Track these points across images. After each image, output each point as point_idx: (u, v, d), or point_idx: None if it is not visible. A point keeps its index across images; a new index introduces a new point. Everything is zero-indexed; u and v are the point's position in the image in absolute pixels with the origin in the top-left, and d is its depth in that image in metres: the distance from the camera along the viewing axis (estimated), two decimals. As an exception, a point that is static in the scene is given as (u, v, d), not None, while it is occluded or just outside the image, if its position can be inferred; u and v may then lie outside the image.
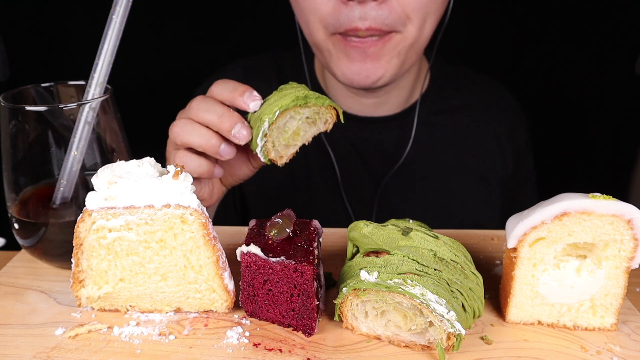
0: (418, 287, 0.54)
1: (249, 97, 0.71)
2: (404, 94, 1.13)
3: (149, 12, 1.57)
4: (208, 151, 0.74)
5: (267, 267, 0.59)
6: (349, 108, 1.13)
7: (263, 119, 0.69)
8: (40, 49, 1.63)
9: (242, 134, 0.70)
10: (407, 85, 1.12)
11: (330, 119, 0.73)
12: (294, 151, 0.73)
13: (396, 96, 1.12)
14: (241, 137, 0.71)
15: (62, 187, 0.68)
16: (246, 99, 0.71)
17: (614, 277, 0.59)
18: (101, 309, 0.65)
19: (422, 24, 0.93)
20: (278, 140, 0.71)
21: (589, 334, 0.61)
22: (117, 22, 0.67)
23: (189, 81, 1.52)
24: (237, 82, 0.74)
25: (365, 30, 0.89)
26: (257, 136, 0.70)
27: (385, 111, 1.14)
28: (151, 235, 0.60)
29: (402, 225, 0.62)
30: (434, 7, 0.93)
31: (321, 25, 0.94)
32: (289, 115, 0.70)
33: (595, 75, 1.65)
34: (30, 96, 0.73)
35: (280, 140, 0.71)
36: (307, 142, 0.74)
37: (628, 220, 0.56)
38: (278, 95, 0.71)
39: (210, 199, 0.86)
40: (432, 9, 0.93)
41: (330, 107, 0.72)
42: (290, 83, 0.75)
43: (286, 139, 0.72)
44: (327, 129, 0.74)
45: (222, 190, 0.89)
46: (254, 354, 0.57)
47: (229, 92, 0.73)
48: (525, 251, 0.59)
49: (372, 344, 0.59)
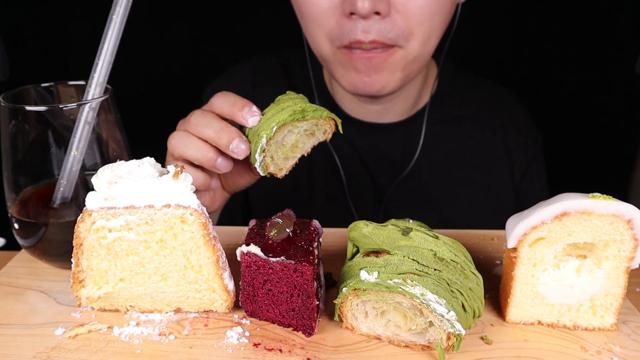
0: (418, 287, 0.54)
1: (248, 112, 0.72)
2: (409, 100, 1.12)
3: (149, 12, 1.57)
4: (205, 165, 0.74)
5: (267, 267, 0.59)
6: (354, 113, 1.13)
7: (261, 135, 0.69)
8: (40, 49, 1.63)
9: (240, 148, 0.71)
10: (413, 92, 1.11)
11: (329, 129, 0.73)
12: (293, 163, 0.74)
13: (402, 103, 1.11)
14: (239, 152, 0.71)
15: (62, 187, 0.68)
16: (245, 114, 0.71)
17: (614, 277, 0.59)
18: (101, 309, 0.65)
19: (425, 39, 0.92)
20: (277, 154, 0.71)
21: (589, 334, 0.61)
22: (117, 22, 0.67)
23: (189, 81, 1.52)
24: (237, 96, 0.75)
25: (369, 43, 0.89)
26: (255, 152, 0.70)
27: (390, 118, 1.13)
28: (151, 235, 0.60)
29: (402, 225, 0.62)
30: (438, 22, 0.93)
31: (327, 39, 0.94)
32: (287, 130, 0.70)
33: (595, 75, 1.65)
34: (30, 96, 0.73)
35: (279, 153, 0.72)
36: (306, 153, 0.74)
37: (628, 220, 0.56)
38: (275, 109, 0.71)
39: (213, 206, 0.87)
40: (435, 24, 0.92)
41: (329, 117, 0.71)
42: (288, 93, 0.75)
43: (285, 152, 0.72)
44: (326, 139, 0.74)
45: (224, 197, 0.89)
46: (254, 354, 0.57)
47: (229, 106, 0.73)
48: (525, 251, 0.59)
49: (372, 344, 0.59)
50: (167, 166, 0.60)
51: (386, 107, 1.11)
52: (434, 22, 0.92)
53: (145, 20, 1.55)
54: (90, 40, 0.80)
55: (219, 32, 1.67)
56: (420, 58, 0.96)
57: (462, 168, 1.14)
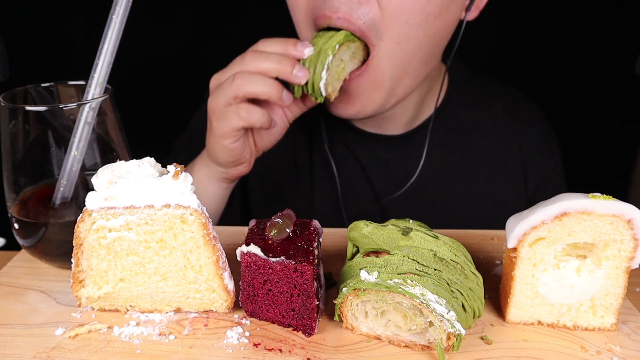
0: (418, 287, 0.54)
1: (301, 45, 0.81)
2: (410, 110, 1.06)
3: (149, 12, 1.57)
4: (272, 98, 0.82)
5: (267, 267, 0.59)
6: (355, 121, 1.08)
7: (327, 53, 0.80)
8: (40, 49, 1.63)
9: (302, 73, 0.80)
10: (414, 102, 1.05)
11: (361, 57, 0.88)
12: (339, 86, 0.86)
13: (402, 114, 1.05)
14: (302, 76, 0.80)
15: (62, 187, 0.68)
16: (300, 47, 0.81)
17: (614, 277, 0.59)
18: (101, 309, 0.65)
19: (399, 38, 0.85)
20: (333, 74, 0.83)
21: (589, 334, 0.61)
22: (117, 22, 0.67)
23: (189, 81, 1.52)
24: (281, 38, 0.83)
25: (337, 20, 0.83)
26: (320, 72, 0.81)
27: (392, 129, 1.08)
28: (151, 235, 0.60)
29: (402, 225, 0.62)
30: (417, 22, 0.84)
31: (305, 21, 0.90)
32: (346, 48, 0.84)
33: (595, 76, 1.65)
34: (30, 96, 0.73)
35: (334, 74, 0.84)
36: (347, 76, 0.87)
37: (628, 220, 0.56)
38: (323, 39, 0.83)
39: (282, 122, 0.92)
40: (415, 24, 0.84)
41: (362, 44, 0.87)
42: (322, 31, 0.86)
43: (339, 72, 0.84)
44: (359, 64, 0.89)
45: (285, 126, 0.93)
46: (254, 354, 0.57)
47: (280, 45, 0.82)
48: (525, 251, 0.59)
49: (372, 344, 0.59)
50: (168, 166, 0.60)
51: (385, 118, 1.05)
52: (413, 21, 0.84)
53: (145, 20, 1.55)
54: (90, 40, 0.80)
55: (220, 32, 1.67)
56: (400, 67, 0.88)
57: (472, 182, 1.08)
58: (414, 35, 0.86)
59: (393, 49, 0.86)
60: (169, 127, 1.27)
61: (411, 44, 0.87)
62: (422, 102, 1.07)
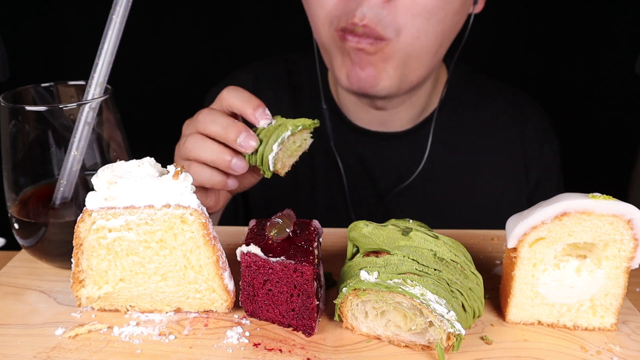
0: (418, 287, 0.54)
1: (261, 114, 0.74)
2: (416, 108, 1.08)
3: (150, 12, 1.57)
4: (220, 166, 0.75)
5: (267, 267, 0.59)
6: (358, 121, 1.10)
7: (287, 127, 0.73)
8: (40, 49, 1.63)
9: (248, 143, 0.73)
10: (420, 100, 1.07)
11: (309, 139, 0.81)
12: (294, 162, 0.78)
13: (408, 110, 1.07)
14: (247, 146, 0.73)
15: (62, 187, 0.68)
16: (258, 115, 0.74)
17: (614, 277, 0.59)
18: (101, 309, 0.65)
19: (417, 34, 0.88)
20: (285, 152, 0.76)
21: (589, 334, 0.61)
22: (117, 22, 0.67)
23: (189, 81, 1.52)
24: (250, 94, 0.76)
25: (362, 27, 0.86)
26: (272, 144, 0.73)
27: (396, 126, 1.09)
28: (151, 235, 0.60)
29: (402, 225, 0.62)
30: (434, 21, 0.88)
31: (326, 22, 0.92)
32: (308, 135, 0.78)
33: (595, 76, 1.65)
34: (30, 96, 0.73)
35: (288, 151, 0.76)
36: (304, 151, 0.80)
37: (628, 220, 0.56)
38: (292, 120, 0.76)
39: (216, 207, 0.86)
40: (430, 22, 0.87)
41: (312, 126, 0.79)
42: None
43: (292, 150, 0.77)
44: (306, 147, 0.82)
45: (227, 197, 0.88)
46: (254, 354, 0.57)
47: (241, 102, 0.75)
48: (525, 251, 0.59)
49: (372, 344, 0.59)
50: (168, 166, 0.60)
51: (391, 114, 1.07)
52: (435, 18, 0.87)
53: (145, 20, 1.55)
54: (90, 40, 0.80)
55: (220, 32, 1.68)
56: (413, 56, 0.91)
57: (474, 179, 1.09)
58: (433, 30, 0.89)
59: (411, 42, 0.89)
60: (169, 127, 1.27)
61: (430, 38, 0.90)
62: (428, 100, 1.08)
